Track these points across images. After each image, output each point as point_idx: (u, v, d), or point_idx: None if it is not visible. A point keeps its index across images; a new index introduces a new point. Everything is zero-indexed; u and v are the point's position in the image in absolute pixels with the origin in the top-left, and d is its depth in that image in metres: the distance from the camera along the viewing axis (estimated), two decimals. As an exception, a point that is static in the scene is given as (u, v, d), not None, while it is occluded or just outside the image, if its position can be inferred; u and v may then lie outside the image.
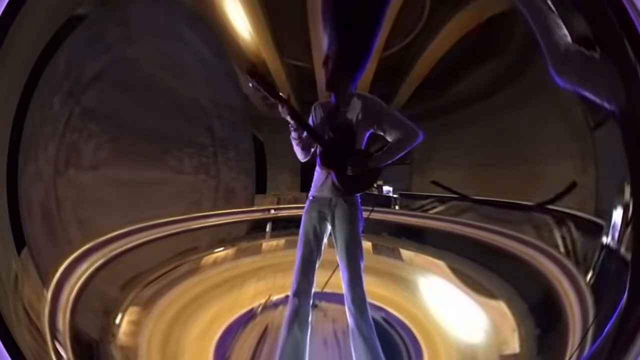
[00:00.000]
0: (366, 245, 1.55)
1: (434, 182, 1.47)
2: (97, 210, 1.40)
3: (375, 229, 1.54)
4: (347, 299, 1.38)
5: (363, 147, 1.41)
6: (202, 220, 1.48)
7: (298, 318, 1.37)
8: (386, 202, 1.49)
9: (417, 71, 1.42)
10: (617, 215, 1.31)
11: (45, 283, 1.32)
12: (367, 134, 1.40)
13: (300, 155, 1.39)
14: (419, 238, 1.54)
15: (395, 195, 1.49)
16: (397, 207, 1.50)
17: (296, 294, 1.38)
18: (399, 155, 1.39)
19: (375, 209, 1.49)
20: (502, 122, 1.43)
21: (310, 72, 1.40)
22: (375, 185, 1.43)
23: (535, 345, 1.37)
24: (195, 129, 1.44)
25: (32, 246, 1.31)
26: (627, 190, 1.30)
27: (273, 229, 1.54)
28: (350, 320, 1.38)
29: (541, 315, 1.39)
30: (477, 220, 1.47)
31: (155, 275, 1.44)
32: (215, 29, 1.40)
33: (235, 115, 1.47)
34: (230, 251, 1.53)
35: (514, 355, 1.40)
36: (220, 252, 1.52)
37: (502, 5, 1.40)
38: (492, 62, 1.44)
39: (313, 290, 1.40)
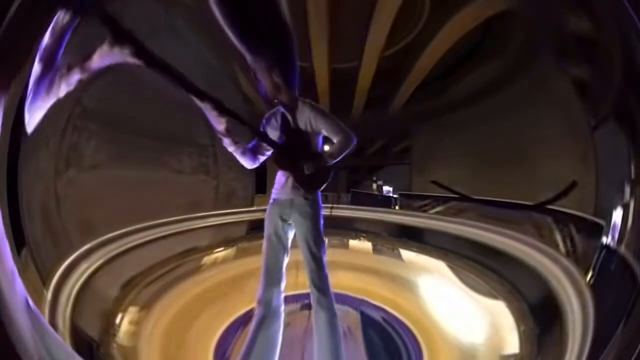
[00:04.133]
0: (366, 245, 1.55)
1: (434, 182, 1.47)
2: (97, 210, 1.40)
3: (375, 229, 1.55)
4: (311, 285, 1.41)
5: (319, 149, 1.43)
6: (202, 220, 1.48)
7: (268, 319, 1.39)
8: (386, 202, 1.49)
9: (416, 71, 1.42)
10: (617, 215, 1.31)
11: (45, 283, 1.32)
12: (320, 137, 1.43)
13: (246, 162, 1.39)
14: (419, 238, 1.54)
15: (395, 195, 1.49)
16: (397, 207, 1.50)
17: (260, 301, 1.40)
18: (341, 156, 1.41)
19: (376, 209, 1.50)
20: (502, 122, 1.43)
21: (311, 72, 1.40)
22: (328, 181, 1.44)
23: (535, 345, 1.37)
24: (195, 129, 1.44)
25: (32, 246, 1.31)
26: (627, 190, 1.30)
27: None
28: (313, 300, 1.41)
29: (541, 315, 1.39)
30: (477, 220, 1.47)
31: (155, 275, 1.44)
32: (215, 29, 1.40)
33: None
34: (230, 251, 1.53)
35: (514, 355, 1.39)
36: (220, 252, 1.52)
37: (502, 5, 1.40)
38: (492, 62, 1.44)
39: (283, 288, 1.43)
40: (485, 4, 1.42)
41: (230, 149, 1.37)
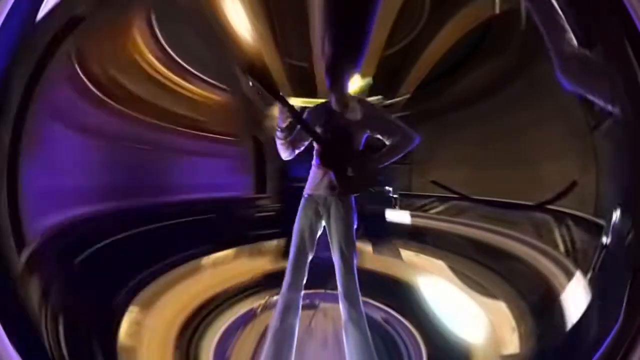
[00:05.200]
0: (366, 245, 1.55)
1: (433, 182, 1.47)
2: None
3: (376, 229, 1.55)
4: (341, 293, 1.40)
5: (361, 148, 1.42)
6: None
7: (289, 310, 1.39)
8: (386, 202, 1.49)
9: (416, 71, 1.43)
10: (617, 215, 1.31)
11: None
12: (365, 136, 1.42)
13: (284, 154, 1.41)
14: (419, 238, 1.54)
15: (395, 195, 1.49)
16: (397, 207, 1.50)
17: (289, 289, 1.39)
18: (396, 158, 1.41)
19: (376, 209, 1.50)
20: (502, 122, 1.43)
21: (311, 72, 1.40)
22: (373, 187, 1.44)
23: (535, 345, 1.37)
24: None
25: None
26: (627, 190, 1.30)
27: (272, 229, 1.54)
28: (343, 313, 1.39)
29: (541, 315, 1.39)
30: (477, 220, 1.47)
31: (155, 275, 1.44)
32: (215, 29, 1.40)
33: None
34: (230, 251, 1.53)
35: (514, 355, 1.39)
36: (220, 252, 1.52)
37: (502, 6, 1.41)
38: (492, 62, 1.44)
39: (304, 282, 1.42)
40: (485, 4, 1.42)
41: (280, 141, 1.39)
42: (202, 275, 1.50)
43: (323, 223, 1.44)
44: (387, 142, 1.41)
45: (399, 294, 1.51)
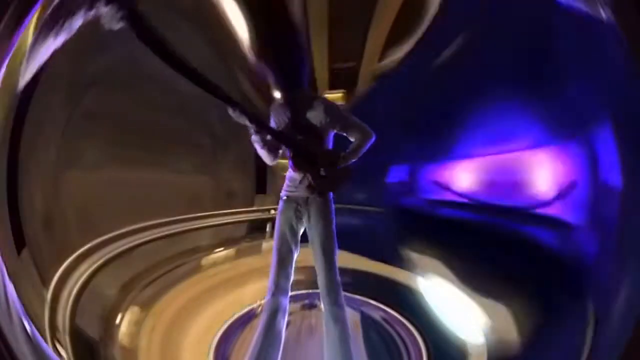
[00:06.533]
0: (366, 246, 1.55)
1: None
2: (98, 211, 1.40)
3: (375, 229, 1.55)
4: (323, 289, 1.40)
5: (330, 147, 1.42)
6: (202, 221, 1.48)
7: (276, 315, 1.38)
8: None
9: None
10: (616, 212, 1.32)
11: (45, 284, 1.32)
12: (332, 135, 1.41)
13: (267, 159, 1.38)
14: (419, 237, 1.54)
15: None
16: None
17: (274, 294, 1.39)
18: (360, 155, 1.40)
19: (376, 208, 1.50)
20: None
21: (310, 70, 1.40)
22: (345, 182, 1.44)
23: (535, 346, 1.37)
24: (195, 128, 1.44)
25: (33, 246, 1.31)
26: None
27: (273, 229, 1.54)
28: (325, 308, 1.40)
29: (541, 315, 1.39)
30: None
31: (155, 275, 1.44)
32: (214, 28, 1.40)
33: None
34: (230, 251, 1.53)
35: (514, 356, 1.40)
36: (220, 252, 1.52)
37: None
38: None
39: (290, 285, 1.41)
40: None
41: (258, 145, 1.35)
42: (202, 275, 1.50)
43: (304, 222, 1.43)
44: (351, 139, 1.40)
45: (399, 294, 1.51)
